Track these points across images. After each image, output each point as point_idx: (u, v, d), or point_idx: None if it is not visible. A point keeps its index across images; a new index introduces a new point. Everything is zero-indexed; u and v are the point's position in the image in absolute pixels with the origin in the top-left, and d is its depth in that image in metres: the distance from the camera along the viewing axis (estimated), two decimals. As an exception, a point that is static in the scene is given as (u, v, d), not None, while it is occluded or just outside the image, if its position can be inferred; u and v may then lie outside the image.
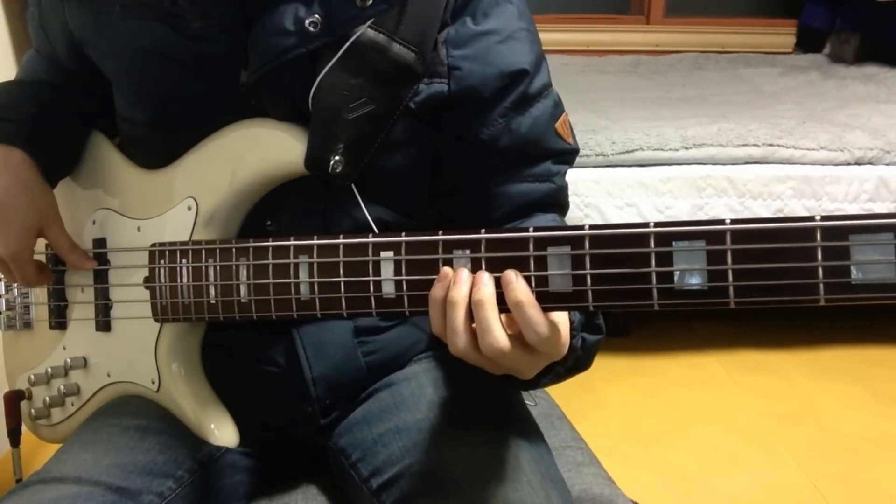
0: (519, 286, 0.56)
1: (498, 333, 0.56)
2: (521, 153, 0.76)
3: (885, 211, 2.03)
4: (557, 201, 0.80)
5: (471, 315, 0.57)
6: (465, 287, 0.57)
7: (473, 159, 0.77)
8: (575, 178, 0.80)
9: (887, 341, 2.19)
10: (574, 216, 1.44)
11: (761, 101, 2.53)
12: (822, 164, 2.03)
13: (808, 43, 3.21)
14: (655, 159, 2.01)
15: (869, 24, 2.96)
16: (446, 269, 0.59)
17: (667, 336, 2.22)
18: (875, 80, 2.71)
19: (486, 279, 0.57)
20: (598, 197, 1.99)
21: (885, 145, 2.04)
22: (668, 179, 2.00)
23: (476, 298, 0.57)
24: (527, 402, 0.86)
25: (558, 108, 0.79)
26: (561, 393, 1.04)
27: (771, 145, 2.01)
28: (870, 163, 2.04)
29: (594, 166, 1.99)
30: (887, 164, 2.04)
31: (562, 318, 0.59)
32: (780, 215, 2.02)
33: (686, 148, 2.00)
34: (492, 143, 0.75)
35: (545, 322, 0.56)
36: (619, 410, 1.91)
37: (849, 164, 2.04)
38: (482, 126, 0.75)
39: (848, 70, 2.90)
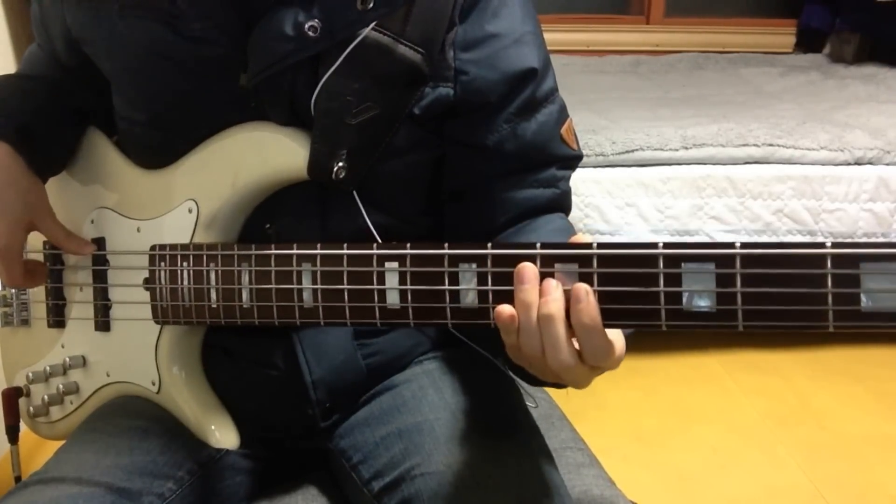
0: (589, 307, 0.53)
1: (567, 351, 0.54)
2: (526, 159, 0.75)
3: (884, 210, 2.04)
4: (561, 206, 0.80)
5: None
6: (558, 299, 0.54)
7: (478, 165, 0.76)
8: (575, 178, 0.80)
9: (887, 341, 2.19)
10: (574, 216, 1.44)
11: (761, 101, 2.53)
12: (822, 164, 2.03)
13: (808, 43, 3.21)
14: (655, 159, 2.01)
15: (869, 24, 2.96)
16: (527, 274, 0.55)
17: (667, 336, 2.22)
18: (875, 80, 2.71)
19: (556, 291, 0.54)
20: (598, 197, 1.99)
21: (885, 145, 2.04)
22: (668, 179, 2.00)
23: (545, 312, 0.54)
24: (528, 403, 0.85)
25: (563, 112, 0.78)
26: (561, 393, 1.04)
27: (771, 145, 2.01)
28: (870, 163, 2.04)
29: (594, 166, 1.99)
30: (887, 164, 2.04)
31: (617, 336, 0.56)
32: (781, 215, 2.03)
33: (686, 148, 2.00)
34: (497, 149, 0.74)
35: (608, 348, 0.54)
36: (619, 410, 1.91)
37: (849, 164, 2.04)
38: (487, 132, 0.74)
39: (848, 70, 2.90)
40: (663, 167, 2.01)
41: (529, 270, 0.55)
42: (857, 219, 2.04)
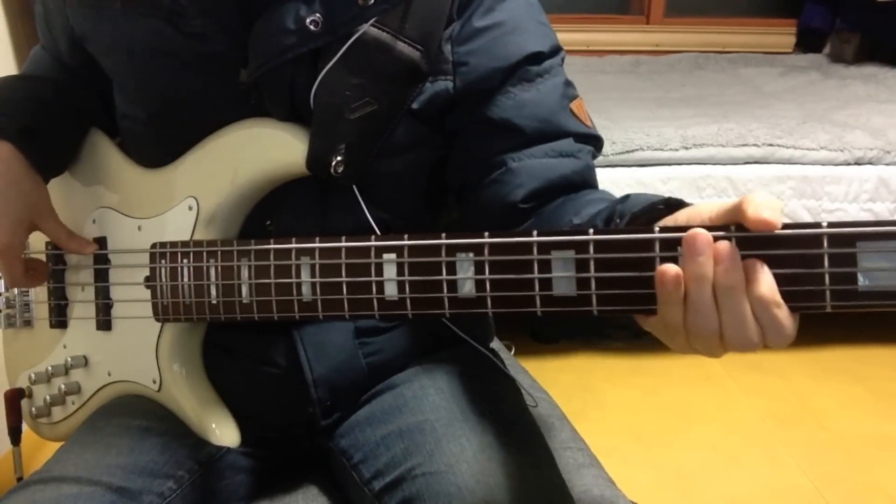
0: (766, 278, 0.48)
1: (754, 328, 0.49)
2: (535, 130, 0.73)
3: (884, 210, 2.04)
4: (587, 180, 0.74)
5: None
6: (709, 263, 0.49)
7: (486, 141, 0.74)
8: (575, 178, 0.78)
9: (887, 341, 2.19)
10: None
11: (761, 101, 2.53)
12: (822, 164, 2.03)
13: (808, 43, 3.21)
14: (655, 159, 2.01)
15: (869, 24, 2.96)
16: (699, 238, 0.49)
17: (667, 336, 2.21)
18: (875, 80, 2.71)
19: (735, 258, 0.48)
20: (598, 197, 1.99)
21: (885, 145, 2.04)
22: (668, 179, 2.00)
23: (726, 284, 0.48)
24: (528, 403, 0.86)
25: (571, 88, 0.76)
26: (561, 393, 1.04)
27: (771, 145, 2.01)
28: (870, 163, 2.04)
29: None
30: (887, 164, 2.04)
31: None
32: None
33: (686, 148, 2.00)
34: (503, 122, 0.73)
35: (790, 322, 0.49)
36: (620, 410, 1.91)
37: (849, 164, 2.03)
38: (487, 108, 0.73)
39: (848, 70, 2.90)
40: (663, 167, 2.01)
41: (702, 239, 0.48)
42: (856, 219, 2.04)
